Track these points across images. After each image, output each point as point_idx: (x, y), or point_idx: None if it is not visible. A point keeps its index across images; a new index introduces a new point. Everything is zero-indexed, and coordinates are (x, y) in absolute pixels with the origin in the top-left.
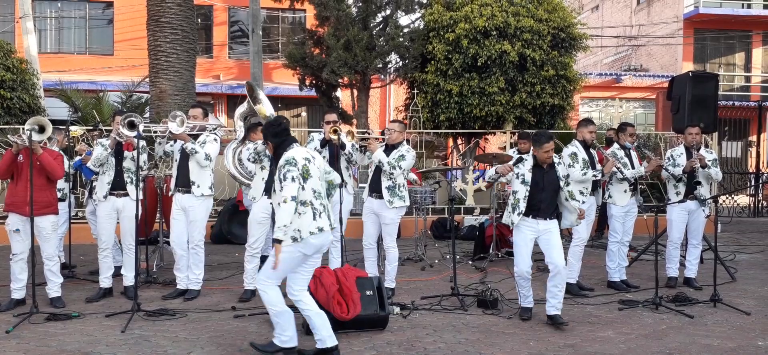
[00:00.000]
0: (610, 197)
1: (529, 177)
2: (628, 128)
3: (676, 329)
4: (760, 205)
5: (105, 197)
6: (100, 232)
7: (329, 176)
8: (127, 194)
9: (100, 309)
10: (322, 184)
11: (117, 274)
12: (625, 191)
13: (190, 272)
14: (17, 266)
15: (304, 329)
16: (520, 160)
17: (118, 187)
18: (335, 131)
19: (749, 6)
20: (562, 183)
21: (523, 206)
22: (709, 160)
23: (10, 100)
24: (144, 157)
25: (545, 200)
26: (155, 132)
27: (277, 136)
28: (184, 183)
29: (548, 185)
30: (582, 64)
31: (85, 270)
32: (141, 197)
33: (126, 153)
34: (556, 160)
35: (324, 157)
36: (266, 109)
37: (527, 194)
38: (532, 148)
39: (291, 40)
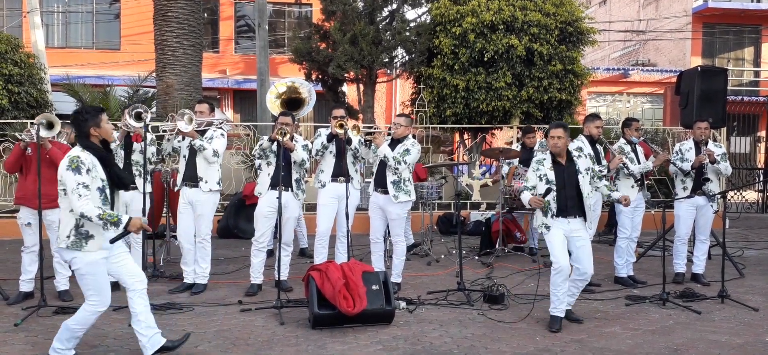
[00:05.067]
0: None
1: (551, 176)
2: (633, 123)
3: (683, 325)
4: None
5: None
6: None
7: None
8: (135, 188)
9: None
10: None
11: None
12: (632, 187)
13: (196, 266)
14: (28, 257)
15: (311, 323)
16: (539, 161)
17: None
18: (341, 126)
19: (759, 0)
20: (580, 177)
21: (554, 206)
22: (718, 155)
23: (18, 94)
24: (152, 149)
25: (571, 196)
26: (164, 130)
27: (73, 126)
28: (192, 178)
29: (569, 180)
30: (590, 59)
31: None
32: (149, 189)
33: (135, 146)
34: (575, 154)
35: (331, 152)
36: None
37: (554, 194)
38: (546, 135)
39: (297, 34)
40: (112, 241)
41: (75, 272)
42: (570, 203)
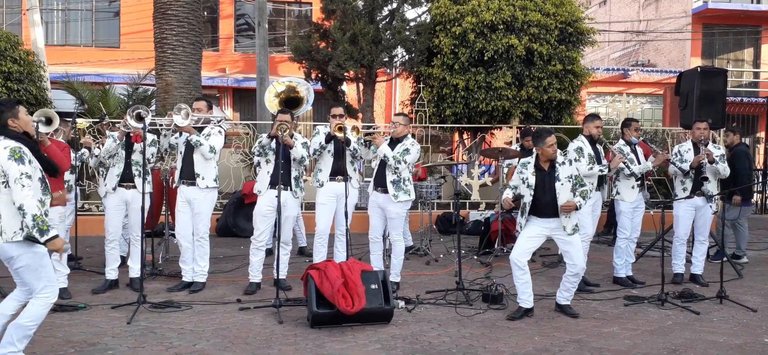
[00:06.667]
0: (617, 193)
1: (532, 181)
2: (632, 123)
3: (681, 326)
4: (767, 202)
5: (114, 188)
6: (107, 223)
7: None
8: (135, 187)
9: (106, 301)
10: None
11: (122, 265)
12: (632, 187)
13: (195, 265)
14: None
15: (310, 322)
16: (524, 164)
17: (126, 179)
18: (340, 128)
19: (759, 1)
20: (557, 184)
21: (529, 210)
22: (717, 156)
23: (17, 92)
24: (153, 150)
25: (550, 203)
26: (160, 125)
27: None
28: (189, 175)
29: (549, 188)
30: (589, 59)
31: (92, 262)
32: (148, 189)
33: (135, 146)
34: (560, 159)
35: (329, 151)
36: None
37: (532, 198)
38: (534, 146)
39: (297, 33)
40: (25, 238)
41: (24, 267)
42: (548, 210)
